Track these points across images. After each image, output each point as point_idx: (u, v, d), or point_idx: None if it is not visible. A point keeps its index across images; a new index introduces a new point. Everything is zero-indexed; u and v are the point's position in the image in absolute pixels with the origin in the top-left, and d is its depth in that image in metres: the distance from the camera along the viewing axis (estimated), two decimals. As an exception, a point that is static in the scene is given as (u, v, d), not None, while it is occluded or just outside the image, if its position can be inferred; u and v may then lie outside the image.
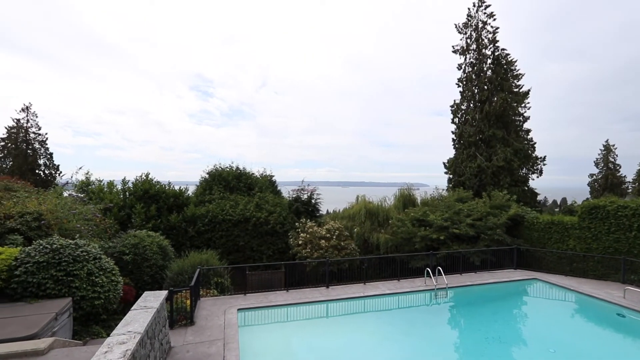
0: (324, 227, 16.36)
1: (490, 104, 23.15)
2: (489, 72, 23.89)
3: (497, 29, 23.80)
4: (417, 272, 13.98)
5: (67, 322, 7.67)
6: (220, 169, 19.99)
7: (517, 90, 23.86)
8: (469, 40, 24.81)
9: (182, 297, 8.90)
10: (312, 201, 19.15)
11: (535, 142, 24.25)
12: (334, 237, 15.89)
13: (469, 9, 24.73)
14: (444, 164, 26.13)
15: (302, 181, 19.83)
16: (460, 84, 25.31)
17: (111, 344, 4.36)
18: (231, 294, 11.68)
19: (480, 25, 24.37)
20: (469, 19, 24.81)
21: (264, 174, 20.97)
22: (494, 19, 23.91)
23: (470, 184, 22.80)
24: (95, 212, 13.32)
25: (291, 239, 16.50)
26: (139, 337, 4.63)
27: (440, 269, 12.34)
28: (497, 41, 23.84)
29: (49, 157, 31.31)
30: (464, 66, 25.09)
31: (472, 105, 24.66)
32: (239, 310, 9.88)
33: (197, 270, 10.16)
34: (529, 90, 23.74)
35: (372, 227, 19.01)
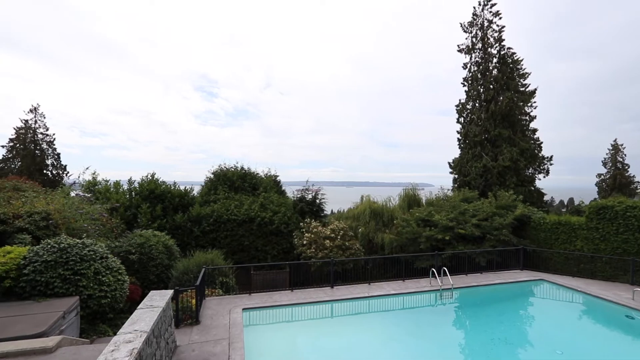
0: (329, 227, 16.35)
1: (496, 104, 22.97)
2: (495, 71, 23.71)
3: (503, 27, 23.62)
4: (422, 273, 13.90)
5: (75, 321, 7.75)
6: (225, 169, 20.07)
7: (523, 89, 23.64)
8: (474, 39, 24.64)
9: (187, 297, 8.95)
10: (317, 201, 19.15)
11: (541, 142, 24.03)
12: (339, 237, 15.88)
13: (475, 7, 24.56)
14: (449, 163, 25.97)
15: (307, 181, 19.86)
16: (465, 83, 25.15)
17: (118, 342, 4.39)
18: (236, 294, 11.72)
19: (485, 24, 24.19)
20: (475, 17, 24.64)
21: (269, 174, 21.01)
22: (500, 18, 23.74)
23: (475, 184, 22.64)
24: (102, 212, 13.46)
25: (296, 239, 16.52)
26: (146, 336, 4.66)
27: (445, 269, 12.27)
28: (503, 40, 23.66)
29: (57, 157, 31.71)
30: (469, 65, 24.92)
31: (477, 104, 24.49)
32: (244, 309, 9.91)
33: (203, 269, 10.22)
34: (535, 89, 23.52)
35: (376, 227, 18.96)
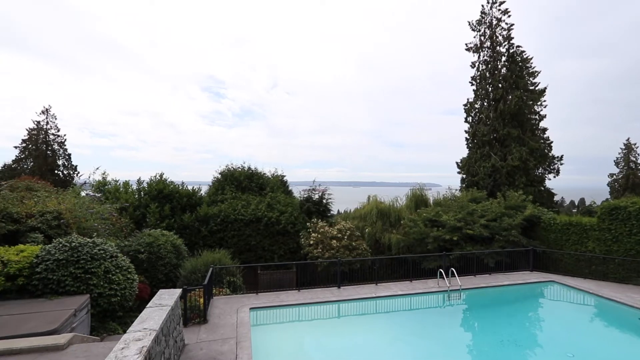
0: (335, 227, 16.34)
1: (504, 103, 22.69)
2: (504, 70, 23.42)
3: (511, 25, 23.31)
4: (429, 273, 13.80)
5: (86, 319, 7.87)
6: (232, 169, 20.19)
7: (532, 88, 23.31)
8: (482, 37, 24.37)
9: (195, 296, 9.02)
10: (323, 201, 19.15)
11: (551, 141, 23.66)
12: (345, 237, 15.85)
13: (483, 6, 24.29)
14: (457, 163, 25.73)
15: (313, 181, 19.86)
16: (473, 82, 24.89)
17: (128, 340, 4.44)
18: (243, 293, 11.78)
19: (494, 22, 23.91)
20: (483, 16, 24.38)
21: (275, 174, 21.08)
22: (509, 16, 23.44)
23: (484, 184, 22.39)
24: (111, 212, 13.65)
25: (302, 239, 16.54)
26: (155, 334, 4.71)
27: (453, 270, 12.16)
28: (512, 38, 23.36)
29: (68, 157, 32.23)
30: (477, 64, 24.66)
31: (486, 103, 24.22)
32: (251, 309, 9.95)
33: (210, 269, 10.29)
34: (545, 88, 23.18)
35: (383, 227, 18.88)
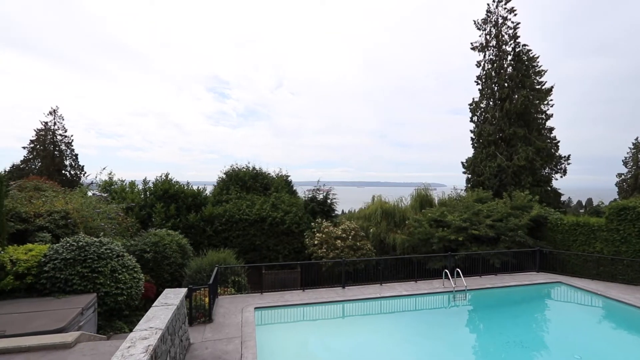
0: (340, 227, 16.32)
1: (510, 102, 22.51)
2: (510, 69, 23.23)
3: (518, 24, 23.12)
4: (434, 274, 13.73)
5: (92, 317, 7.95)
6: (236, 169, 20.26)
7: (539, 87, 23.10)
8: (488, 36, 24.20)
9: (200, 295, 9.07)
10: (328, 201, 19.14)
11: (558, 141, 23.43)
12: (350, 237, 15.83)
13: (489, 4, 24.12)
14: (462, 163, 25.58)
15: (318, 181, 19.87)
16: (479, 82, 24.72)
17: (134, 339, 4.48)
18: (248, 293, 11.82)
19: (500, 20, 23.73)
20: (489, 14, 24.20)
21: (280, 174, 21.11)
22: (515, 14, 23.24)
23: (489, 184, 22.22)
24: (118, 211, 13.77)
25: (307, 239, 16.54)
26: (160, 333, 4.75)
27: (459, 270, 12.08)
28: (518, 37, 23.16)
29: (75, 158, 32.59)
30: (483, 63, 24.49)
31: (491, 103, 24.05)
32: (256, 308, 9.98)
33: (215, 268, 10.34)
34: (552, 87, 22.95)
35: (388, 227, 18.82)
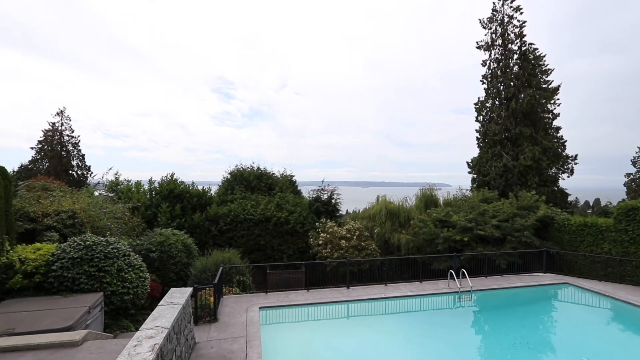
0: (344, 227, 16.30)
1: (517, 101, 22.32)
2: (516, 68, 23.04)
3: (524, 22, 22.92)
4: (439, 274, 13.65)
5: (99, 316, 8.03)
6: (241, 169, 20.32)
7: (545, 86, 22.88)
8: (494, 35, 24.02)
9: (206, 294, 9.11)
10: (332, 201, 19.12)
11: (565, 140, 23.21)
12: (354, 237, 15.80)
13: (494, 3, 23.95)
14: (468, 163, 25.43)
15: (322, 181, 19.85)
16: (484, 81, 24.55)
17: (140, 338, 4.52)
18: (253, 293, 11.86)
19: (506, 19, 23.55)
20: (494, 13, 24.03)
21: (284, 174, 21.13)
22: (521, 13, 23.06)
23: (495, 184, 22.05)
24: (124, 211, 13.88)
25: (311, 239, 16.55)
26: (166, 332, 4.78)
27: (464, 271, 12.00)
28: (524, 35, 22.97)
29: (82, 158, 32.92)
30: (488, 62, 24.32)
31: (497, 102, 23.87)
32: (261, 308, 10.01)
33: (220, 268, 10.38)
34: (558, 86, 22.73)
35: (392, 227, 18.75)
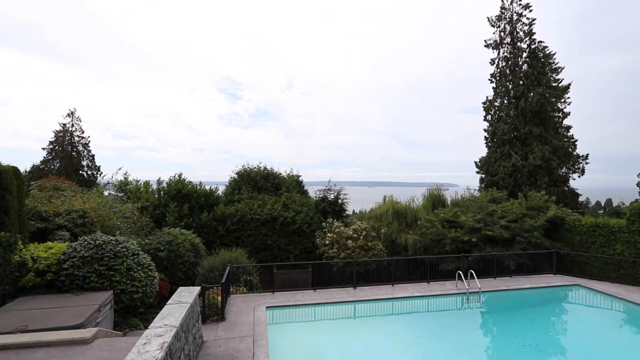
0: (351, 227, 16.26)
1: (526, 100, 22.00)
2: (525, 67, 22.71)
3: (533, 20, 22.59)
4: (447, 275, 13.54)
5: (109, 314, 8.14)
6: (248, 169, 20.42)
7: (555, 84, 22.52)
8: (502, 33, 23.71)
9: (213, 294, 9.18)
10: (339, 201, 19.10)
11: (576, 140, 22.79)
12: (361, 237, 15.76)
13: (503, 1, 23.64)
14: (476, 163, 25.16)
15: (329, 181, 19.86)
16: (493, 80, 24.25)
17: (149, 336, 4.56)
18: (260, 292, 11.90)
19: (515, 17, 23.22)
20: (503, 11, 23.72)
21: (291, 174, 21.17)
22: (530, 11, 22.71)
23: (504, 184, 21.78)
24: (133, 211, 14.05)
25: (318, 239, 16.55)
26: (175, 331, 4.82)
27: (472, 272, 11.88)
28: (534, 33, 22.63)
29: (92, 158, 33.41)
30: (497, 61, 24.01)
31: (506, 101, 23.56)
32: (268, 308, 10.04)
33: (228, 267, 10.44)
34: (569, 84, 22.34)
35: (399, 227, 18.65)
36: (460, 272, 12.16)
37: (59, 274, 8.35)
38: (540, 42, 22.62)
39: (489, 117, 24.55)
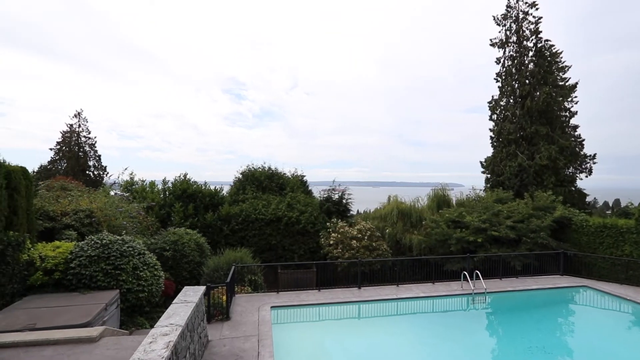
0: (355, 227, 16.22)
1: (532, 99, 21.79)
2: (531, 66, 22.49)
3: (539, 19, 22.36)
4: (452, 275, 13.46)
5: (115, 313, 8.21)
6: (252, 169, 20.46)
7: (562, 83, 22.27)
8: (508, 32, 23.52)
9: (218, 293, 9.21)
10: (343, 201, 19.07)
11: (583, 139, 22.52)
12: (366, 237, 15.71)
13: (509, -1, 23.46)
14: (481, 163, 24.97)
15: (333, 181, 19.83)
16: (498, 79, 24.06)
17: (155, 335, 4.59)
18: (264, 292, 11.92)
19: (521, 16, 23.02)
20: (509, 9, 23.52)
21: (295, 174, 21.18)
22: (537, 9, 22.49)
23: (510, 184, 21.58)
24: (139, 210, 14.16)
25: (322, 239, 16.53)
26: (181, 330, 4.84)
27: (478, 272, 11.80)
28: (540, 32, 22.40)
29: (98, 159, 33.72)
30: (503, 60, 23.82)
31: (512, 100, 23.37)
32: (272, 307, 10.05)
33: (232, 267, 10.48)
34: (576, 83, 22.08)
35: (404, 228, 18.57)
36: (465, 272, 12.07)
37: (67, 272, 8.44)
38: (546, 40, 22.41)
39: (494, 116, 24.36)
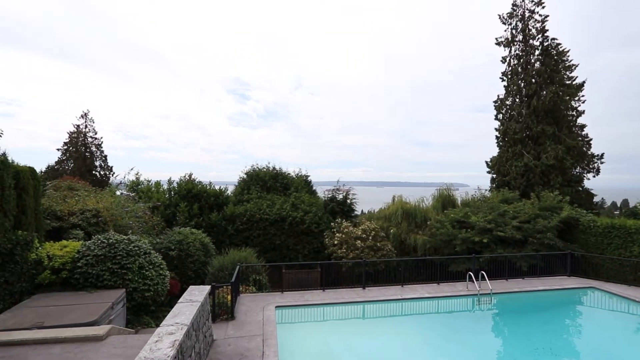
0: (360, 227, 16.20)
1: (538, 98, 21.58)
2: (537, 64, 22.27)
3: (546, 17, 22.13)
4: (458, 276, 13.37)
5: (122, 312, 8.28)
6: (257, 169, 20.52)
7: (569, 82, 22.02)
8: (514, 31, 23.30)
9: (223, 293, 9.25)
10: (348, 201, 19.05)
11: (590, 139, 22.24)
12: (370, 237, 15.69)
13: (515, -3, 23.25)
14: (487, 162, 24.77)
15: (337, 181, 19.82)
16: (504, 78, 23.85)
17: (161, 334, 4.63)
18: (269, 292, 11.95)
19: (527, 14, 22.80)
20: (515, 8, 23.31)
21: (300, 174, 21.20)
22: (543, 7, 22.27)
23: (516, 184, 21.40)
24: (144, 210, 14.28)
25: (327, 239, 16.54)
26: (186, 329, 4.88)
27: (483, 273, 11.72)
28: (547, 30, 22.16)
29: (104, 159, 34.05)
30: (508, 59, 23.61)
31: (518, 100, 23.15)
32: (277, 307, 10.07)
33: (237, 267, 10.52)
34: (583, 82, 21.81)
35: (409, 228, 18.50)
36: (471, 273, 11.99)
37: (74, 272, 8.53)
38: (553, 39, 22.17)
39: (500, 116, 24.15)
